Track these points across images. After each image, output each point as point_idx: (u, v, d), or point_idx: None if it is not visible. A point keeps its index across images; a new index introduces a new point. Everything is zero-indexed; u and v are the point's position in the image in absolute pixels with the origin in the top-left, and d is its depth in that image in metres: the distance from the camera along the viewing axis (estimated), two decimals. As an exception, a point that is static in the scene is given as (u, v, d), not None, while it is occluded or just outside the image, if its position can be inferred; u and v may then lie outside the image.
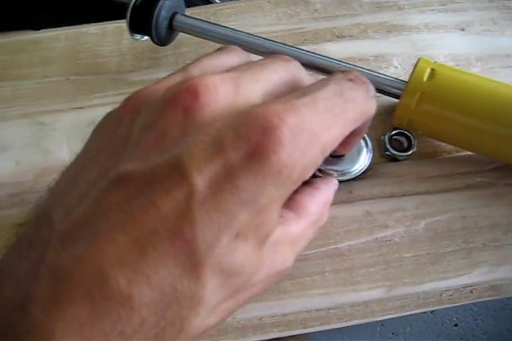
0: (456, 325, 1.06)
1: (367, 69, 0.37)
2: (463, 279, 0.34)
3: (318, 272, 0.34)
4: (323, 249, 0.35)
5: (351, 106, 0.23)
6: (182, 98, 0.21)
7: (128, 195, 0.19)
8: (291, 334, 0.35)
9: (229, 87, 0.21)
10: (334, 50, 0.41)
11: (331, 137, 0.22)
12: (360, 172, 0.33)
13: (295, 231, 0.24)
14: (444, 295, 0.35)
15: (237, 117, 0.20)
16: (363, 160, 0.33)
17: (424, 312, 0.98)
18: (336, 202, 0.36)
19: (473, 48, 0.42)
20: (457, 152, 0.39)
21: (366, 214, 0.35)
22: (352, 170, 0.32)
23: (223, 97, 0.21)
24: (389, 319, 0.35)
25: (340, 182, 0.31)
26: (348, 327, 0.35)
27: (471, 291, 0.35)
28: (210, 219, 0.19)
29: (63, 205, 0.21)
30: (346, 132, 0.23)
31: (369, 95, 0.25)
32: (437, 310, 0.36)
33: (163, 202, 0.19)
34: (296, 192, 0.27)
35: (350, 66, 0.36)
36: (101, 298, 0.18)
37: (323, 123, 0.21)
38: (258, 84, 0.22)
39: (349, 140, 0.26)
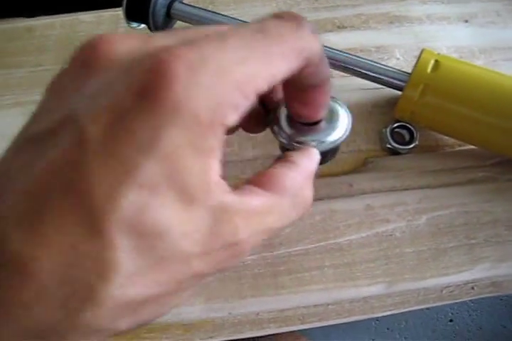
0: (451, 321, 1.06)
1: (369, 60, 0.36)
2: (464, 275, 0.34)
3: (317, 267, 0.33)
4: (322, 244, 0.34)
5: (275, 42, 0.20)
6: (81, 51, 0.19)
7: (29, 155, 0.18)
8: (289, 330, 0.34)
9: (134, 40, 0.20)
10: (335, 41, 0.41)
11: (247, 73, 0.19)
12: (339, 142, 0.29)
13: (255, 204, 0.21)
14: (444, 292, 0.34)
15: (132, 61, 0.18)
16: (341, 128, 0.29)
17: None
18: (336, 195, 0.35)
19: (476, 40, 0.41)
20: (459, 146, 0.38)
21: (367, 208, 0.35)
22: (329, 138, 0.28)
23: (126, 49, 0.19)
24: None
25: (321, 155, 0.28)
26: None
27: (472, 288, 0.34)
28: (105, 168, 0.17)
29: None
30: (276, 70, 0.20)
31: (302, 30, 0.21)
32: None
33: (57, 156, 0.17)
34: (269, 167, 0.24)
35: (352, 57, 0.36)
36: None
37: (233, 57, 0.19)
38: (173, 38, 0.20)
39: (312, 97, 0.24)
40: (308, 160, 0.26)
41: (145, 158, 0.17)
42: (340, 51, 0.36)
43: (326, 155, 0.29)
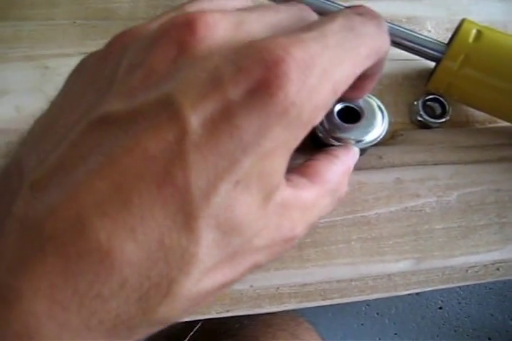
0: (440, 308, 1.06)
1: (405, 29, 0.34)
2: (494, 255, 0.33)
3: (344, 240, 0.32)
4: (349, 217, 0.32)
5: (363, 42, 0.20)
6: (176, 32, 0.18)
7: (110, 136, 0.17)
8: (309, 306, 0.33)
9: (230, 23, 0.19)
10: (365, 9, 0.39)
11: (343, 75, 0.19)
12: (377, 141, 0.30)
13: (306, 196, 0.21)
14: (469, 272, 0.33)
15: (238, 51, 0.18)
16: (379, 127, 0.30)
17: (410, 294, 0.98)
18: (365, 167, 0.34)
19: (510, 16, 0.40)
20: (490, 123, 0.37)
21: (397, 181, 0.33)
22: (367, 137, 0.29)
23: (223, 33, 0.18)
24: (375, 300, 0.34)
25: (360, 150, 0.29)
26: (333, 305, 0.33)
27: (498, 269, 0.33)
28: (205, 163, 0.16)
29: (37, 153, 0.18)
30: (359, 70, 0.20)
31: (382, 30, 0.22)
32: (423, 292, 0.35)
33: (150, 143, 0.16)
34: (312, 159, 0.25)
35: (390, 25, 0.34)
36: (76, 254, 0.15)
37: (333, 58, 0.19)
38: (263, 23, 0.20)
39: (363, 83, 0.24)
40: (350, 157, 0.26)
41: (245, 156, 0.17)
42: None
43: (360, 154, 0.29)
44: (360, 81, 0.23)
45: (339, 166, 0.25)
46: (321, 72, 0.18)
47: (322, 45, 0.18)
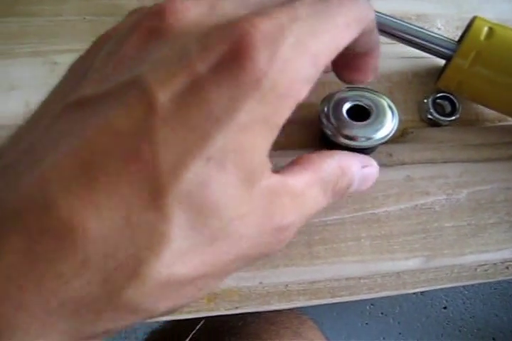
0: (445, 308, 1.06)
1: (415, 26, 0.34)
2: (504, 253, 0.33)
3: (354, 238, 0.32)
4: (359, 214, 0.32)
5: (338, 11, 0.19)
6: (148, 20, 0.18)
7: (81, 118, 0.17)
8: (318, 304, 0.33)
9: (202, 7, 0.19)
10: (375, 6, 0.39)
11: (321, 47, 0.18)
12: (387, 139, 0.30)
13: (294, 184, 0.20)
14: (478, 270, 0.33)
15: (206, 31, 0.18)
16: (389, 125, 0.30)
17: (414, 294, 0.99)
18: (375, 165, 0.34)
19: (521, 14, 0.40)
20: (500, 121, 0.37)
21: (407, 179, 0.33)
22: (377, 135, 0.29)
23: (194, 17, 0.18)
24: (379, 299, 0.34)
25: (365, 149, 0.30)
26: (338, 304, 0.33)
27: (507, 267, 0.33)
28: (174, 137, 0.16)
29: (13, 142, 0.18)
30: (342, 42, 0.19)
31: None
32: (427, 291, 0.35)
33: (118, 120, 0.16)
34: (310, 153, 0.24)
35: (398, 21, 0.34)
36: (38, 232, 0.15)
37: (307, 29, 0.18)
38: (239, 4, 0.19)
39: (362, 62, 0.24)
40: (351, 156, 0.25)
41: (217, 130, 0.16)
42: (384, 14, 0.34)
43: (367, 152, 0.29)
44: (358, 60, 0.23)
45: (336, 160, 0.23)
46: (294, 43, 0.17)
47: (291, 17, 0.18)
